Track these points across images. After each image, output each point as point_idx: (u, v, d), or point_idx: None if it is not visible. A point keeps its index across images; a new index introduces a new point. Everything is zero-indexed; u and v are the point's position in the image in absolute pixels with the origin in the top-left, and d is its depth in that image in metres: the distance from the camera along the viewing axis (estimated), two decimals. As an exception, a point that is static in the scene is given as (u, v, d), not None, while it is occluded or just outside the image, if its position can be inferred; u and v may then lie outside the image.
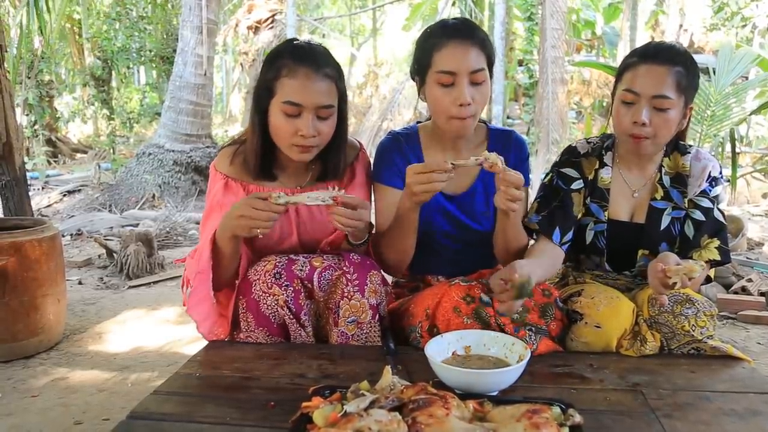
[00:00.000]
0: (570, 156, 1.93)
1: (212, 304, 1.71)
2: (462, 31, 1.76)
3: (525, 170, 1.99)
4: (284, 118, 1.66)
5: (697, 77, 1.76)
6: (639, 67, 1.72)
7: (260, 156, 1.76)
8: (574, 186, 1.89)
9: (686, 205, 1.83)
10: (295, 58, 1.66)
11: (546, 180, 1.95)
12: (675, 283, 1.50)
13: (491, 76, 1.83)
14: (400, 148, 1.96)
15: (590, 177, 1.89)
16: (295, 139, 1.66)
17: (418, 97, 1.90)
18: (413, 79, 1.91)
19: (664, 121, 1.70)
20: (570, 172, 1.90)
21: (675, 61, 1.69)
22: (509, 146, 1.96)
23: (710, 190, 1.82)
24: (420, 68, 1.83)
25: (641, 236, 1.85)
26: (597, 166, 1.89)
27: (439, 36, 1.78)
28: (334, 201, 1.58)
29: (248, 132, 1.80)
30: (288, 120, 1.65)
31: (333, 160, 1.82)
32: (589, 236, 1.87)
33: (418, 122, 2.06)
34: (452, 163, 1.58)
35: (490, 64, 1.80)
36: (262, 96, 1.71)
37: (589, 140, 1.97)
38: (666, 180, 1.85)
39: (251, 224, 1.56)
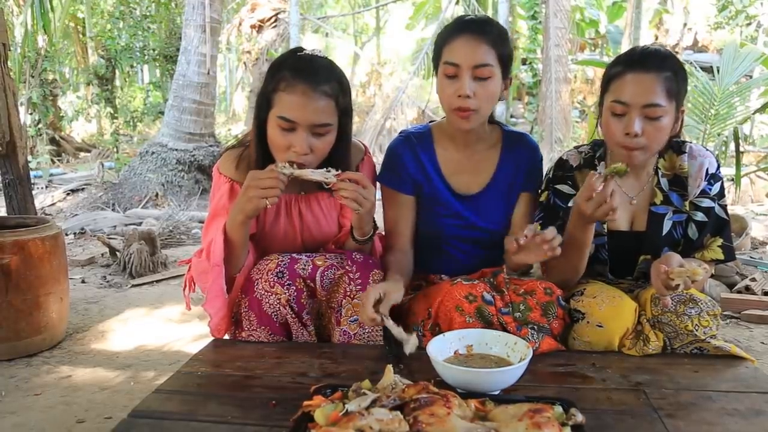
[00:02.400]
0: (563, 171, 1.90)
1: (224, 298, 1.71)
2: (474, 26, 1.76)
3: (539, 175, 1.98)
4: (279, 132, 1.63)
5: (686, 79, 1.71)
6: (626, 76, 1.67)
7: (261, 165, 1.71)
8: (571, 203, 1.85)
9: (687, 207, 1.80)
10: (294, 72, 1.61)
11: (543, 198, 1.92)
12: (678, 285, 1.49)
13: (507, 76, 1.81)
14: (413, 148, 1.95)
15: None
16: (288, 154, 1.63)
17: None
18: (434, 70, 1.91)
19: (656, 130, 1.65)
20: (565, 188, 1.88)
21: (663, 67, 1.65)
22: (523, 150, 1.96)
23: (709, 189, 1.79)
24: (434, 61, 1.85)
25: (643, 243, 1.83)
26: None
27: (452, 29, 1.79)
28: (338, 178, 1.59)
29: (251, 138, 1.78)
30: (282, 134, 1.62)
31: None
32: (591, 249, 1.85)
33: (431, 121, 2.05)
34: None
35: (503, 62, 1.78)
36: (261, 106, 1.68)
37: (579, 149, 1.93)
38: (664, 183, 1.82)
39: (260, 194, 1.56)
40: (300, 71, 1.62)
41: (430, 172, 1.93)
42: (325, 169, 1.62)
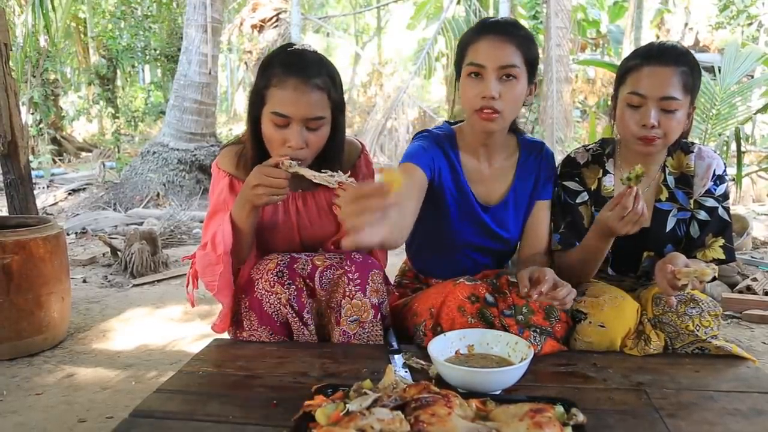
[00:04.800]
0: (570, 168, 1.91)
1: (233, 288, 1.72)
2: (500, 27, 1.72)
3: (553, 183, 1.94)
4: (273, 127, 1.63)
5: (700, 76, 1.74)
6: (643, 69, 1.69)
7: (258, 162, 1.70)
8: (579, 200, 1.87)
9: (691, 206, 1.81)
10: (285, 67, 1.62)
11: (553, 196, 1.93)
12: (684, 285, 1.49)
13: (532, 80, 1.75)
14: (445, 151, 1.86)
15: (593, 187, 1.87)
16: (283, 149, 1.63)
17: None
18: (456, 74, 1.84)
19: (672, 122, 1.67)
20: (572, 185, 1.89)
21: (679, 62, 1.67)
22: (540, 159, 1.91)
23: (715, 189, 1.80)
24: (456, 63, 1.80)
25: (646, 239, 1.83)
26: (600, 175, 1.87)
27: (477, 31, 1.74)
28: (339, 186, 1.58)
29: (246, 136, 1.79)
30: (277, 130, 1.63)
31: (329, 167, 1.73)
32: None
33: (451, 124, 1.97)
34: None
35: (529, 65, 1.72)
36: (254, 103, 1.69)
37: (587, 148, 1.94)
38: (670, 180, 1.83)
39: (268, 192, 1.57)
40: (290, 66, 1.62)
41: (461, 178, 1.86)
42: (328, 173, 1.61)
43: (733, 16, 14.29)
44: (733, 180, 4.64)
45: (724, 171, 1.83)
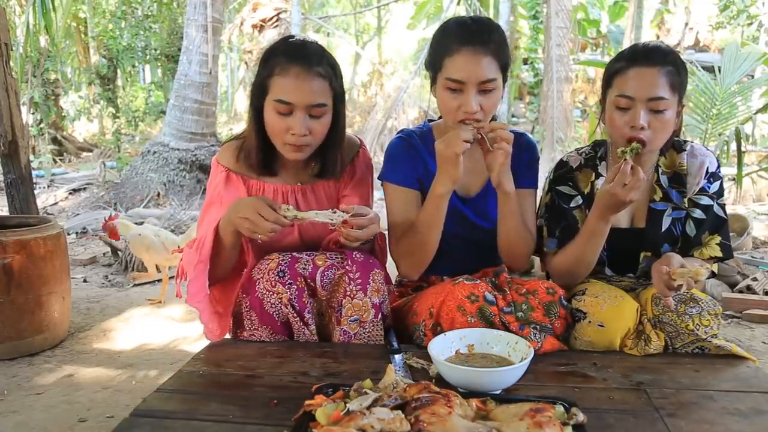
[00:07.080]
0: (563, 172, 1.91)
1: (206, 295, 1.72)
2: (475, 37, 1.68)
3: (534, 173, 1.97)
4: (277, 116, 1.65)
5: (686, 74, 1.74)
6: (630, 71, 1.69)
7: (260, 153, 1.76)
8: (573, 204, 1.88)
9: (686, 204, 1.81)
10: (288, 56, 1.65)
11: (548, 200, 1.93)
12: (680, 286, 1.49)
13: (505, 80, 1.77)
14: (413, 146, 1.94)
15: (586, 190, 1.87)
16: (287, 137, 1.66)
17: (429, 93, 1.88)
18: (427, 70, 1.87)
19: (661, 123, 1.68)
20: (566, 189, 1.89)
21: (665, 61, 1.67)
22: (521, 148, 1.92)
23: (709, 187, 1.80)
24: (432, 67, 1.79)
25: (643, 240, 1.83)
26: (593, 178, 1.87)
27: (453, 40, 1.70)
28: (344, 223, 1.58)
29: (248, 129, 1.81)
30: (280, 118, 1.65)
31: (331, 158, 1.81)
32: None
33: (430, 120, 2.04)
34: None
35: (504, 68, 1.74)
36: (257, 93, 1.71)
37: (580, 151, 1.94)
38: (664, 180, 1.83)
39: (254, 228, 1.55)
40: (293, 55, 1.65)
41: (432, 172, 1.87)
42: (330, 210, 1.61)
43: (733, 16, 14.27)
44: (734, 180, 4.65)
45: (718, 168, 1.83)
